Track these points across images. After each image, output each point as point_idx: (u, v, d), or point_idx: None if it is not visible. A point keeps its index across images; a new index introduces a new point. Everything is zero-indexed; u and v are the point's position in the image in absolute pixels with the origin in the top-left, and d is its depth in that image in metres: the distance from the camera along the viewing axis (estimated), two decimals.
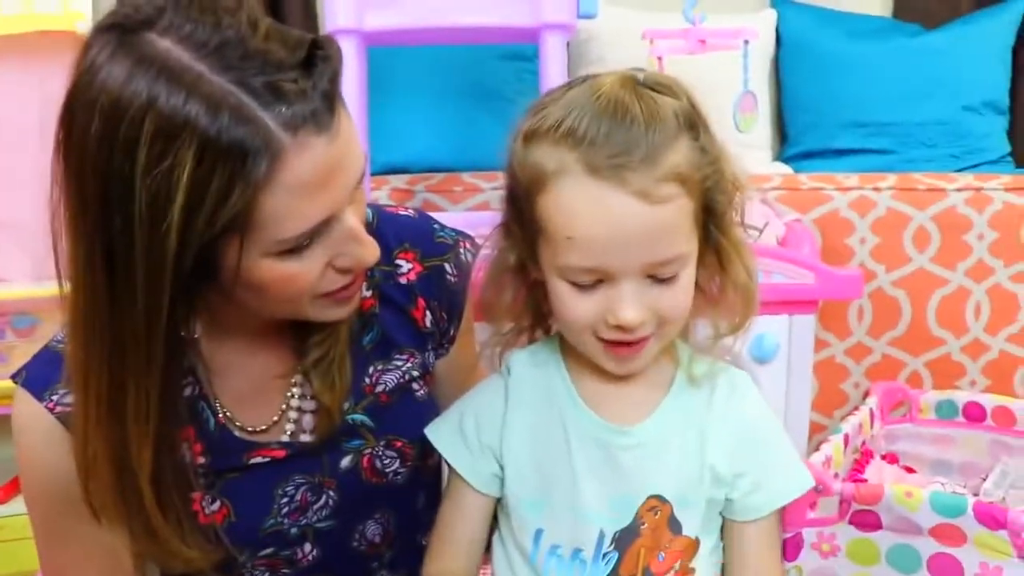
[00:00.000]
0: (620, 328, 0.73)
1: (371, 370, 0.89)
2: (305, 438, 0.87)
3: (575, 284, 0.73)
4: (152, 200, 0.67)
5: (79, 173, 0.69)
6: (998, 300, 1.90)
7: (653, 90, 0.72)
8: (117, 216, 0.68)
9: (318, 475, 0.87)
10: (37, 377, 0.82)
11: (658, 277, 0.72)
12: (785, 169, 2.06)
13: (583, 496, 0.77)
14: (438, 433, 0.84)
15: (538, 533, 0.79)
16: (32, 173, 1.86)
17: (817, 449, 1.43)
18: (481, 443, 0.81)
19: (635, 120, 0.69)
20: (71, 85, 0.69)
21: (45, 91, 1.81)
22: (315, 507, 0.88)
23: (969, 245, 1.87)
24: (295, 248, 0.73)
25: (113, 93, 0.67)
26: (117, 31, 0.69)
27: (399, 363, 0.90)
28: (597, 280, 0.72)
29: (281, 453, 0.86)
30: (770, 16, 2.23)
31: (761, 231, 1.56)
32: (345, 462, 0.88)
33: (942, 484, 1.59)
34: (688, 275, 0.74)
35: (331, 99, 0.71)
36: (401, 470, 0.90)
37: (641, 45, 1.78)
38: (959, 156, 2.07)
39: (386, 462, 0.88)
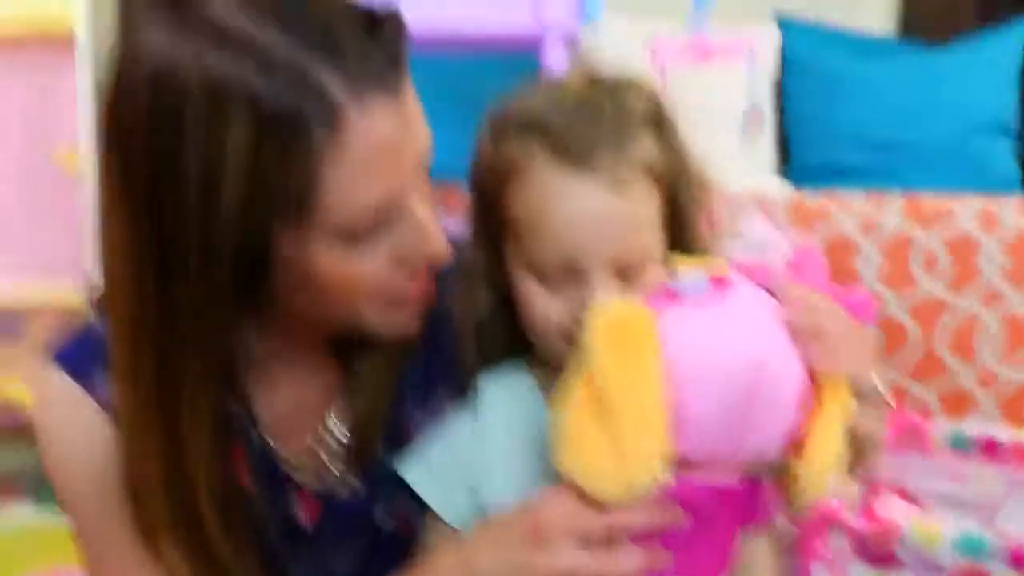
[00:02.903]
0: None
1: (412, 412, 0.83)
2: (344, 478, 0.82)
3: (542, 280, 0.72)
4: (203, 176, 0.61)
5: (125, 154, 0.64)
6: (1011, 327, 1.84)
7: (618, 86, 0.73)
8: (167, 197, 0.63)
9: (358, 532, 0.82)
10: (80, 363, 0.75)
11: (626, 275, 0.71)
12: (788, 187, 2.02)
13: None
14: (409, 469, 0.79)
15: None
16: (15, 169, 1.85)
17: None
18: (455, 475, 0.76)
19: (602, 112, 0.71)
20: (117, 57, 0.64)
21: (34, 90, 1.79)
22: (341, 560, 0.83)
23: (979, 269, 1.81)
24: (356, 234, 0.66)
25: (158, 61, 0.61)
26: (167, 3, 0.63)
27: (442, 408, 0.82)
28: (566, 276, 0.71)
29: (317, 505, 0.81)
30: (773, 34, 2.20)
31: (766, 247, 1.51)
32: (382, 516, 0.82)
33: (957, 519, 1.53)
34: (654, 276, 0.71)
35: (397, 60, 0.65)
36: None
37: (643, 56, 1.77)
38: (965, 177, 2.03)
39: (418, 516, 0.81)
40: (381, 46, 0.64)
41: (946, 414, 1.83)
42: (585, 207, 0.69)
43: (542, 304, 0.72)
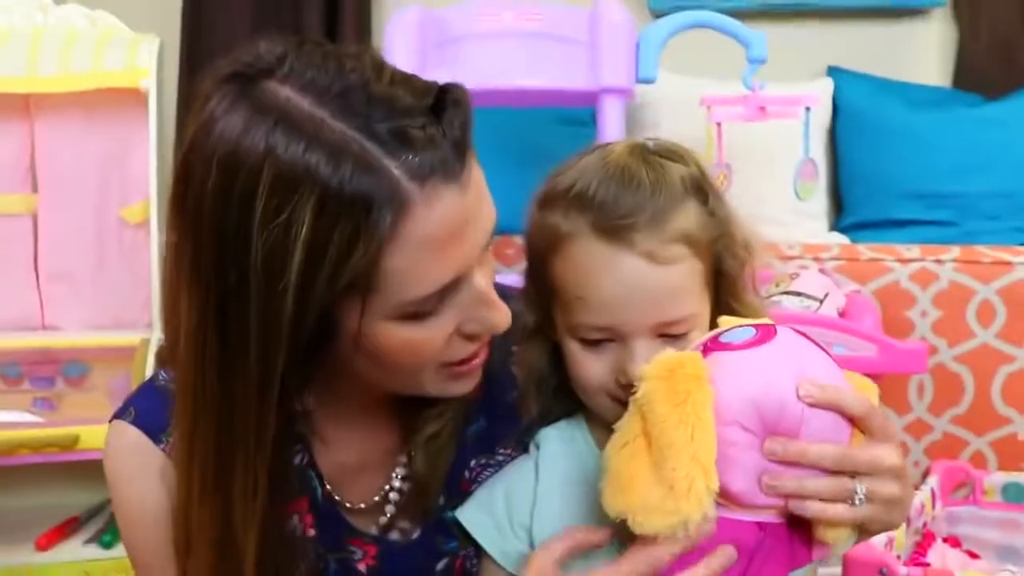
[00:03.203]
0: (632, 387, 0.71)
1: (472, 464, 0.84)
2: (401, 525, 0.83)
3: (586, 343, 0.75)
4: (269, 256, 0.63)
5: (195, 227, 0.66)
6: None
7: (661, 156, 0.76)
8: (232, 272, 0.64)
9: None
10: (149, 417, 0.79)
11: (669, 335, 0.73)
12: (842, 239, 2.02)
13: None
14: (468, 514, 0.81)
15: None
16: (88, 226, 1.93)
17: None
18: (512, 522, 0.78)
19: (641, 184, 0.73)
20: (189, 138, 0.67)
21: (106, 145, 1.86)
22: None
23: None
24: (421, 312, 0.68)
25: (230, 144, 0.64)
26: (237, 81, 0.66)
27: (501, 458, 0.84)
28: (607, 339, 0.74)
29: (373, 549, 0.82)
30: (827, 85, 2.22)
31: (822, 301, 1.52)
32: (440, 566, 0.83)
33: (1012, 572, 1.51)
34: (700, 337, 0.73)
35: (462, 147, 0.66)
36: None
37: (698, 112, 1.79)
38: (1022, 229, 2.02)
39: (475, 562, 0.83)
40: (447, 133, 0.65)
41: (1000, 464, 1.81)
42: (625, 279, 0.72)
43: (587, 366, 0.75)
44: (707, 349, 0.69)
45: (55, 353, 1.86)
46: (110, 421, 0.81)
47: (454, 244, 0.67)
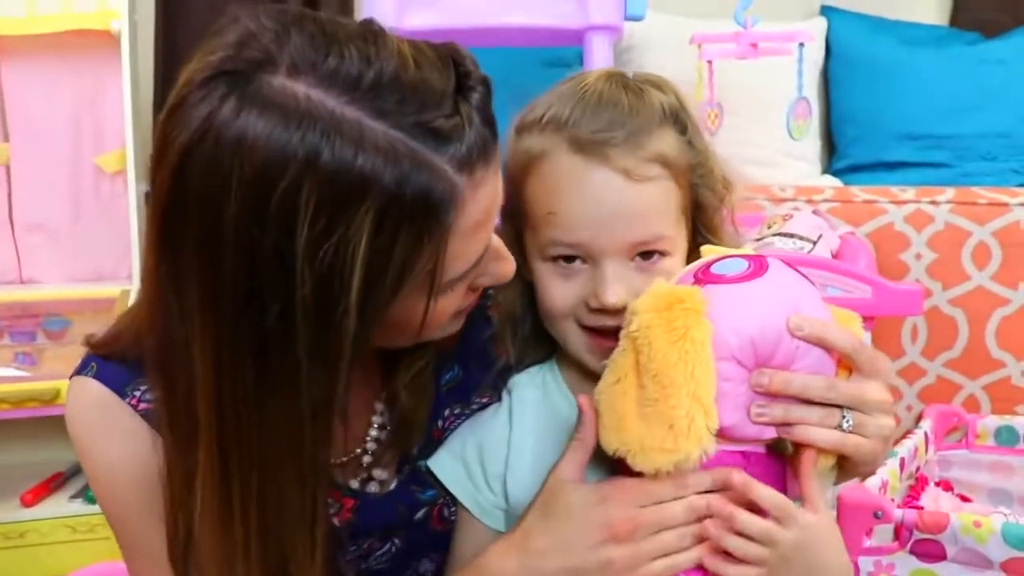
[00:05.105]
0: (603, 311, 0.72)
1: (446, 413, 0.82)
2: (379, 475, 0.81)
3: (557, 264, 0.73)
4: (320, 285, 0.55)
5: (208, 260, 0.56)
6: None
7: (643, 84, 0.75)
8: (273, 307, 0.56)
9: (391, 530, 0.81)
10: (111, 370, 0.72)
11: (643, 261, 0.72)
12: (835, 182, 2.00)
13: None
14: (440, 463, 0.80)
15: None
16: (64, 174, 1.88)
17: (871, 473, 1.36)
18: (485, 471, 0.78)
19: (619, 104, 0.72)
20: (177, 152, 0.56)
21: (79, 91, 1.81)
22: (378, 554, 0.82)
23: None
24: (452, 285, 0.65)
25: (254, 159, 0.54)
26: (226, 79, 0.55)
27: (476, 407, 0.82)
28: (580, 260, 0.73)
29: (350, 503, 0.79)
30: (820, 24, 2.17)
31: (815, 243, 1.49)
32: (419, 515, 0.81)
33: (1005, 514, 1.51)
34: (674, 264, 0.73)
35: (492, 124, 0.62)
36: None
37: (688, 51, 1.75)
38: (1021, 170, 1.99)
39: (453, 509, 0.81)
40: (478, 114, 0.60)
41: (993, 408, 1.80)
42: (599, 195, 0.71)
43: (555, 287, 0.74)
44: (698, 280, 0.67)
45: (34, 307, 1.83)
46: (70, 378, 0.75)
47: (490, 220, 0.64)
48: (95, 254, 1.88)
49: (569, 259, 0.73)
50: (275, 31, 0.57)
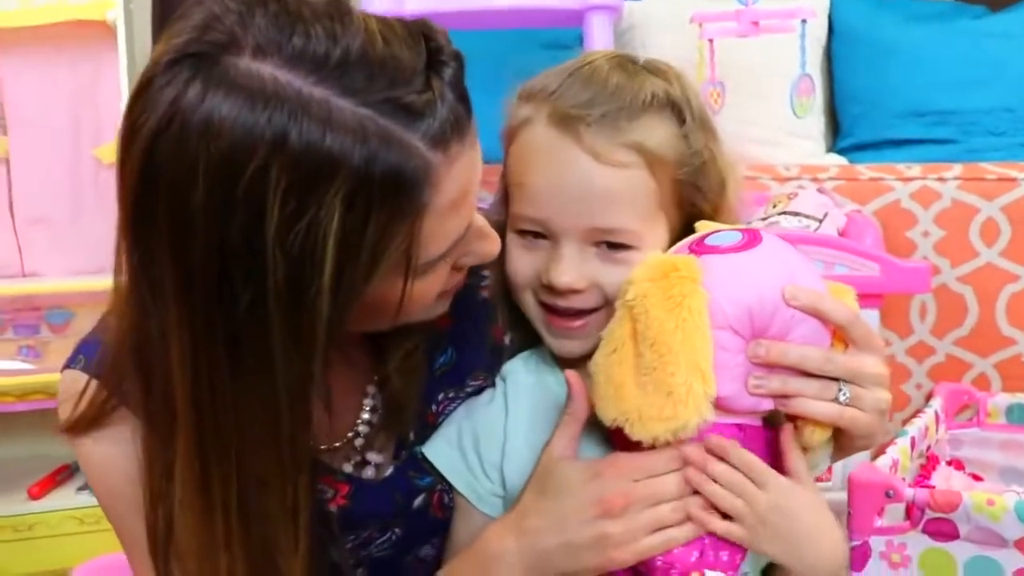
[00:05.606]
0: (552, 290, 0.71)
1: (440, 397, 0.81)
2: (374, 459, 0.80)
3: (524, 237, 0.73)
4: (292, 268, 0.55)
5: (176, 248, 0.56)
6: None
7: (644, 69, 0.74)
8: (245, 293, 0.55)
9: (390, 520, 0.80)
10: (101, 364, 0.71)
11: (607, 249, 0.71)
12: (840, 160, 1.97)
13: None
14: (436, 451, 0.79)
15: None
16: (63, 167, 1.88)
17: (882, 453, 1.34)
18: (481, 458, 0.77)
19: (605, 84, 0.71)
20: (144, 139, 0.55)
21: (76, 82, 1.80)
22: (378, 542, 0.81)
23: None
24: (432, 265, 0.64)
25: (220, 142, 0.53)
26: (191, 62, 0.54)
27: (470, 390, 0.81)
28: (541, 235, 0.72)
29: (345, 488, 0.78)
30: (822, 1, 2.14)
31: (821, 221, 1.47)
32: (417, 502, 0.80)
33: (1017, 493, 1.50)
34: (638, 260, 0.69)
35: (465, 99, 0.61)
36: None
37: (689, 30, 1.74)
38: None
39: (452, 496, 0.80)
40: (451, 88, 0.59)
41: (1004, 386, 1.78)
42: (563, 171, 0.70)
43: (517, 260, 0.73)
44: (692, 251, 0.67)
45: (37, 300, 1.83)
46: (61, 371, 0.74)
47: (468, 198, 0.63)
48: (96, 245, 1.86)
49: (538, 235, 0.72)
50: (239, 12, 0.56)
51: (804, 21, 1.55)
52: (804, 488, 0.66)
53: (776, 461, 0.68)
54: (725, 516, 0.65)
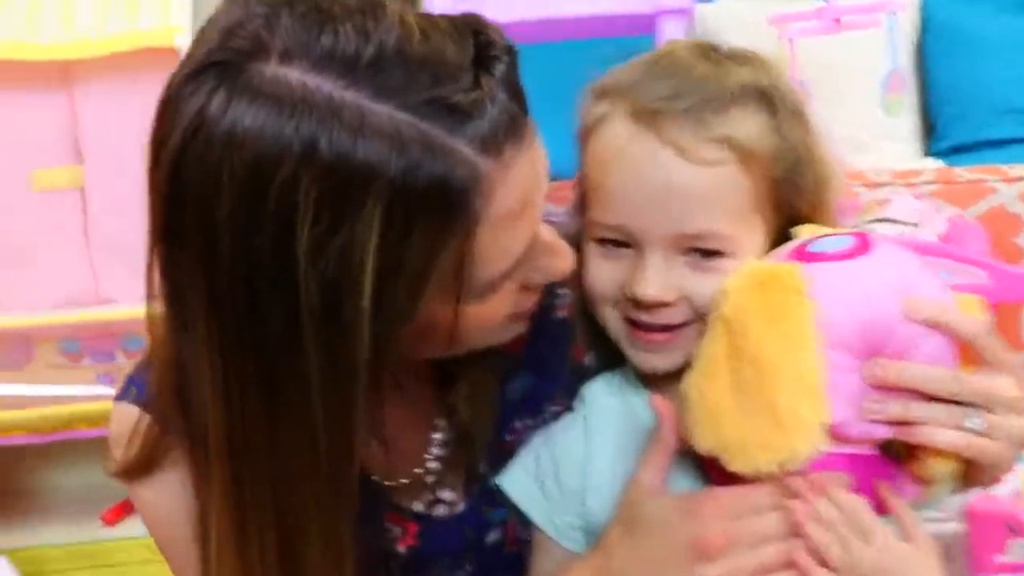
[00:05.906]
0: (636, 303, 0.66)
1: (516, 425, 0.76)
2: (445, 496, 0.76)
3: (605, 247, 0.67)
4: (327, 289, 0.52)
5: (206, 266, 0.53)
6: None
7: (730, 59, 0.68)
8: (275, 319, 0.53)
9: (462, 555, 0.77)
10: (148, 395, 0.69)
11: (698, 256, 0.65)
12: (937, 164, 1.89)
13: None
14: (512, 481, 0.73)
15: None
16: (137, 193, 1.90)
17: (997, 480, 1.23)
18: (562, 489, 0.71)
19: (689, 73, 0.66)
20: (170, 159, 0.53)
21: (147, 109, 1.82)
22: None
23: None
24: (495, 284, 0.59)
25: (244, 154, 0.50)
26: (215, 71, 0.52)
27: (549, 416, 0.76)
28: (624, 244, 0.66)
29: (413, 527, 0.75)
30: None
31: (917, 227, 1.39)
32: (491, 538, 0.77)
33: None
34: (732, 268, 0.64)
35: (520, 97, 0.56)
36: None
37: (766, 32, 1.71)
38: None
39: (528, 530, 0.75)
40: (503, 85, 0.55)
41: None
42: (644, 171, 0.64)
43: (595, 268, 0.68)
44: (795, 259, 0.61)
45: (113, 326, 1.86)
46: (113, 401, 0.72)
47: (529, 209, 0.59)
48: None
49: (619, 243, 0.67)
50: (265, 15, 0.53)
51: (893, 13, 1.47)
52: (914, 547, 0.60)
53: (886, 498, 0.62)
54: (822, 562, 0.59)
